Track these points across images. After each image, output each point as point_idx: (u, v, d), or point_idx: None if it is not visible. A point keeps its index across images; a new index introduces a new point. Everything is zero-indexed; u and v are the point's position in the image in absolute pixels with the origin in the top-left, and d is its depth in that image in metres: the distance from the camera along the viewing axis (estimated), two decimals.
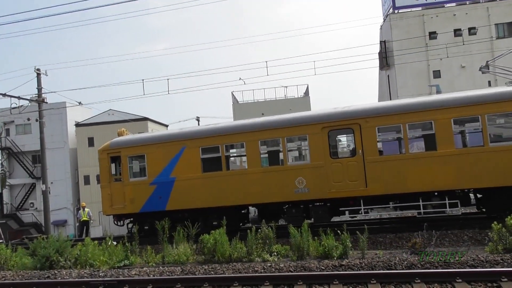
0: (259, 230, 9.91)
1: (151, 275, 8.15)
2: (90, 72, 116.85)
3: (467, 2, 34.25)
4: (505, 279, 6.12)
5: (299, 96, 35.13)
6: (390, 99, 32.54)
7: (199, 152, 12.54)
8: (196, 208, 12.45)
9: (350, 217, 11.87)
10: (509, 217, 8.14)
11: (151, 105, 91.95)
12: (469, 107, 10.55)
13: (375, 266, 7.38)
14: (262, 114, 27.12)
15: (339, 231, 9.00)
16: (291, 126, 11.85)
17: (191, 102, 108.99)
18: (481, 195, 11.52)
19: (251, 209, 14.10)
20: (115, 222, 14.30)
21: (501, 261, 7.03)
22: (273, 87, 41.78)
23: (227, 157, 12.63)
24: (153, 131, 33.89)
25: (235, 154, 13.59)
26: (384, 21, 37.12)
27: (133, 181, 13.36)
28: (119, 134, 14.68)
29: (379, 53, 36.29)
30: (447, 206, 10.63)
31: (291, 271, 7.60)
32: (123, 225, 14.25)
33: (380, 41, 36.76)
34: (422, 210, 10.85)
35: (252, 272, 7.84)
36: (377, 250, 9.25)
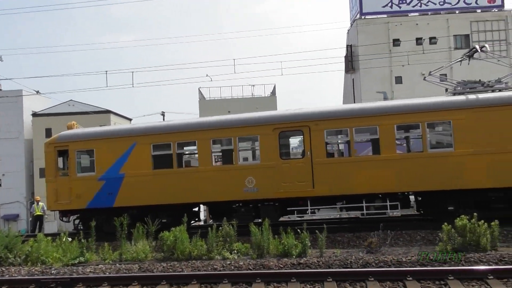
0: (220, 227, 9.91)
1: (107, 273, 7.96)
2: (50, 60, 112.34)
3: (429, 13, 35.69)
4: (452, 277, 6.44)
5: (266, 95, 35.37)
6: (354, 102, 33.40)
7: (150, 149, 12.45)
8: (145, 205, 12.30)
9: (297, 217, 12.20)
10: (458, 218, 8.58)
11: (115, 97, 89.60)
12: (411, 115, 11.13)
13: (332, 265, 7.56)
14: (229, 111, 27.11)
15: (299, 230, 9.15)
16: (243, 126, 12.02)
17: (157, 97, 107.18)
18: (420, 198, 12.08)
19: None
20: (61, 218, 13.96)
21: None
22: (241, 85, 41.87)
23: (179, 155, 12.58)
24: (116, 124, 33.05)
25: (186, 152, 13.53)
26: (351, 25, 38.02)
27: (80, 176, 13.08)
28: (69, 127, 14.25)
29: (345, 56, 37.13)
30: (388, 208, 11.06)
31: (250, 269, 7.65)
32: (69, 221, 13.88)
33: (347, 45, 37.62)
34: (365, 211, 11.25)
35: (211, 270, 7.83)
36: (335, 249, 9.48)
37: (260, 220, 11.48)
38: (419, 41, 34.04)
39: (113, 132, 13.51)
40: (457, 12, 35.59)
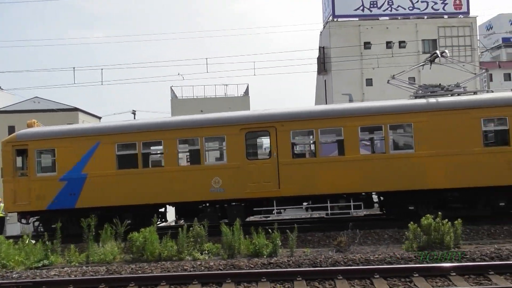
0: (191, 228, 9.83)
1: (73, 276, 7.75)
2: (14, 55, 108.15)
3: (399, 17, 36.67)
4: (417, 275, 6.66)
5: (239, 95, 35.37)
6: (326, 103, 33.89)
7: (114, 149, 12.23)
8: (109, 206, 12.07)
9: (263, 217, 12.26)
10: (423, 218, 8.84)
11: (83, 95, 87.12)
12: (374, 117, 11.47)
13: (302, 264, 7.64)
14: (201, 111, 26.92)
15: (270, 230, 9.19)
16: (210, 126, 12.02)
17: (128, 95, 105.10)
18: (383, 198, 12.40)
19: None
20: (19, 220, 13.49)
21: (414, 258, 7.64)
22: (214, 84, 41.69)
23: (144, 155, 12.43)
24: (84, 122, 32.24)
25: (152, 152, 13.33)
26: (324, 27, 38.55)
27: (40, 176, 12.65)
28: (29, 126, 13.72)
29: (317, 58, 37.62)
30: (352, 208, 11.33)
31: (221, 270, 7.64)
32: (28, 223, 13.40)
33: (319, 47, 38.13)
34: (329, 211, 11.46)
35: (181, 271, 7.77)
36: (306, 248, 9.57)
37: (226, 220, 11.49)
38: (389, 44, 34.95)
39: (75, 131, 13.14)
40: (425, 17, 36.74)
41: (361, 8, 36.06)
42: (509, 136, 10.95)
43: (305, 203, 11.84)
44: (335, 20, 36.13)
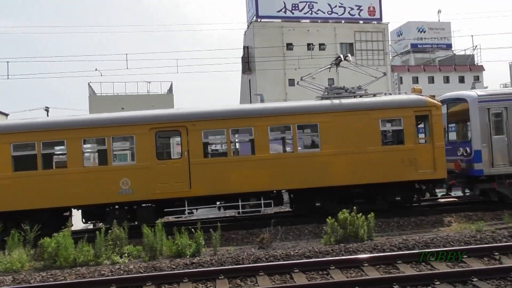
0: (110, 230, 9.38)
1: None
2: None
3: (319, 21, 38.43)
4: (333, 267, 7.04)
5: (162, 93, 34.43)
6: (251, 103, 34.40)
7: (10, 149, 11.28)
8: (5, 212, 11.12)
9: (175, 217, 12.17)
10: (340, 212, 9.38)
11: None
12: (283, 117, 11.95)
13: (225, 262, 7.68)
14: (122, 108, 25.75)
15: (193, 230, 9.10)
16: (118, 126, 11.62)
17: (40, 91, 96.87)
18: (292, 195, 13.00)
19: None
20: None
21: (331, 251, 8.08)
22: (135, 81, 39.89)
23: (45, 155, 11.64)
24: None
25: (55, 152, 12.51)
26: (248, 27, 39.04)
27: None
28: None
29: (242, 57, 38.01)
30: (262, 206, 11.76)
31: (141, 272, 7.42)
32: None
33: (244, 46, 38.56)
34: (240, 210, 11.76)
35: (98, 276, 7.41)
36: (229, 246, 9.63)
37: (136, 223, 11.18)
38: (309, 46, 36.45)
39: None
40: (343, 21, 38.94)
41: (284, 10, 37.14)
42: (404, 136, 11.99)
43: (218, 202, 11.89)
44: (258, 20, 36.77)
